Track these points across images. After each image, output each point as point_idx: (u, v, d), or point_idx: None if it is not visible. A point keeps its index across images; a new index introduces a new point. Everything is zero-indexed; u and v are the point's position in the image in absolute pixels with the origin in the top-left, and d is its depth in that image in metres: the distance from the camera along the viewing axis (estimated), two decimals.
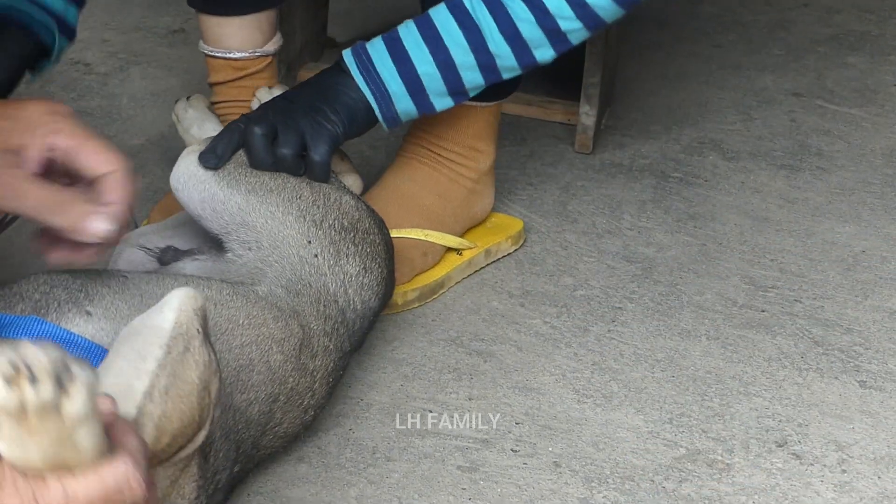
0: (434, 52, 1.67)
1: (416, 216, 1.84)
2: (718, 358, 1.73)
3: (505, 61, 1.68)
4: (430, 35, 1.67)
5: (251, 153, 1.59)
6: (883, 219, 2.06)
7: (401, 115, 1.69)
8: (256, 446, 1.37)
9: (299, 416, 1.43)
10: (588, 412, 1.63)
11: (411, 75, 1.67)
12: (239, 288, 1.41)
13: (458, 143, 1.87)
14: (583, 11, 1.64)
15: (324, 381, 1.45)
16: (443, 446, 1.55)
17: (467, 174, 1.88)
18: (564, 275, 1.89)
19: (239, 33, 1.93)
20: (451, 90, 1.69)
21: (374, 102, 1.67)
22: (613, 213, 2.04)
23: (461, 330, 1.76)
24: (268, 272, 1.47)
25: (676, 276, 1.90)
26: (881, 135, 2.32)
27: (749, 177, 2.16)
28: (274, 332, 1.38)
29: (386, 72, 1.67)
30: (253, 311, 1.38)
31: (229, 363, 1.32)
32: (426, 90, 1.68)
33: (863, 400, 1.67)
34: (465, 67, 1.67)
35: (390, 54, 1.67)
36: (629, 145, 2.24)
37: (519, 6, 1.64)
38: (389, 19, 2.69)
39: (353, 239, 1.55)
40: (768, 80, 2.51)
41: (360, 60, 1.68)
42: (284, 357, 1.39)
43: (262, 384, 1.35)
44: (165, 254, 1.54)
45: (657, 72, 2.51)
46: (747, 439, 1.59)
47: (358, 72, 1.67)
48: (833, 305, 1.84)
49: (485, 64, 1.67)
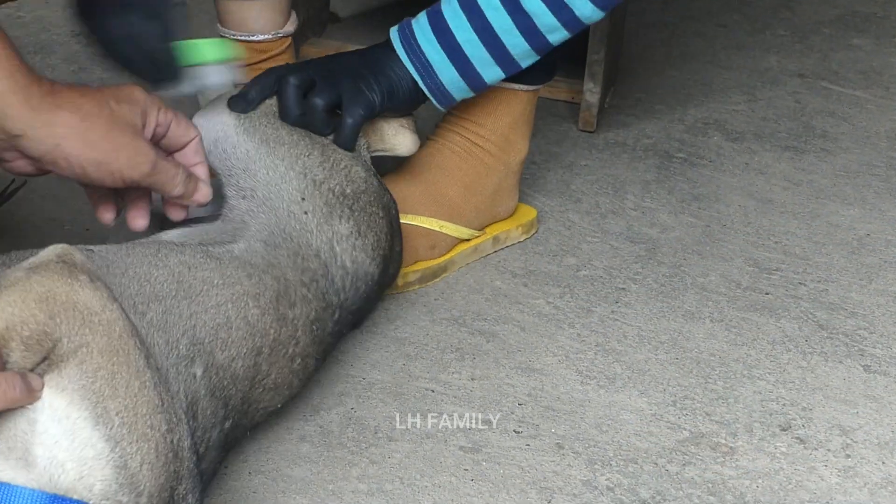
0: (471, 18, 1.65)
1: (435, 205, 1.82)
2: (722, 340, 1.72)
3: (543, 19, 1.64)
4: (466, 2, 1.66)
5: (282, 101, 1.60)
6: (888, 202, 2.05)
7: (448, 88, 1.68)
8: (247, 401, 1.38)
9: (286, 365, 1.42)
10: (591, 394, 1.62)
11: (452, 44, 1.66)
12: (213, 250, 1.43)
13: (494, 132, 1.84)
14: None
15: (306, 329, 1.45)
16: (445, 427, 1.55)
17: (497, 167, 1.85)
18: (568, 255, 1.88)
19: (261, 16, 1.92)
20: (497, 58, 1.67)
21: (417, 75, 1.66)
22: (617, 193, 2.03)
23: (464, 309, 1.75)
24: (251, 225, 1.49)
25: (680, 257, 1.89)
26: (886, 117, 2.31)
27: (753, 158, 2.15)
28: (248, 289, 1.39)
29: (427, 43, 1.66)
30: (227, 270, 1.40)
31: (206, 323, 1.34)
32: (469, 58, 1.67)
33: (867, 384, 1.66)
34: (503, 31, 1.65)
35: (431, 26, 1.67)
36: (633, 125, 2.22)
37: None
38: None
39: (350, 205, 1.55)
40: (773, 61, 2.49)
41: (404, 35, 1.68)
42: (261, 311, 1.40)
43: (242, 340, 1.36)
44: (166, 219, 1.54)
45: (661, 51, 2.50)
46: (751, 423, 1.59)
47: (401, 45, 1.67)
48: (837, 289, 1.84)
49: (524, 25, 1.65)
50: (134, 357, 1.17)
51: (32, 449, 1.12)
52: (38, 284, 1.15)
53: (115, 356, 1.16)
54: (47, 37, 2.38)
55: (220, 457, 1.36)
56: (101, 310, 1.17)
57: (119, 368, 1.16)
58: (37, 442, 1.12)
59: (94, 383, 1.14)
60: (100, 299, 1.17)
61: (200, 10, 2.47)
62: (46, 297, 1.15)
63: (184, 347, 1.30)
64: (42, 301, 1.14)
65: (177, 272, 1.36)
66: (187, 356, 1.30)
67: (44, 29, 2.41)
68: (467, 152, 1.84)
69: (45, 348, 1.14)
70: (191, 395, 1.28)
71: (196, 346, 1.31)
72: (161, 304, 1.32)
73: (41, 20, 2.43)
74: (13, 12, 2.48)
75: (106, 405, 1.14)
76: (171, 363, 1.28)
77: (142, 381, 1.16)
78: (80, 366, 1.14)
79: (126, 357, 1.16)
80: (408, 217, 1.79)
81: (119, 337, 1.17)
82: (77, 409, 1.13)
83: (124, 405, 1.15)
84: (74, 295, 1.16)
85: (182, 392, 1.27)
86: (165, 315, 1.31)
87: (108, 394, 1.14)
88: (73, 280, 1.17)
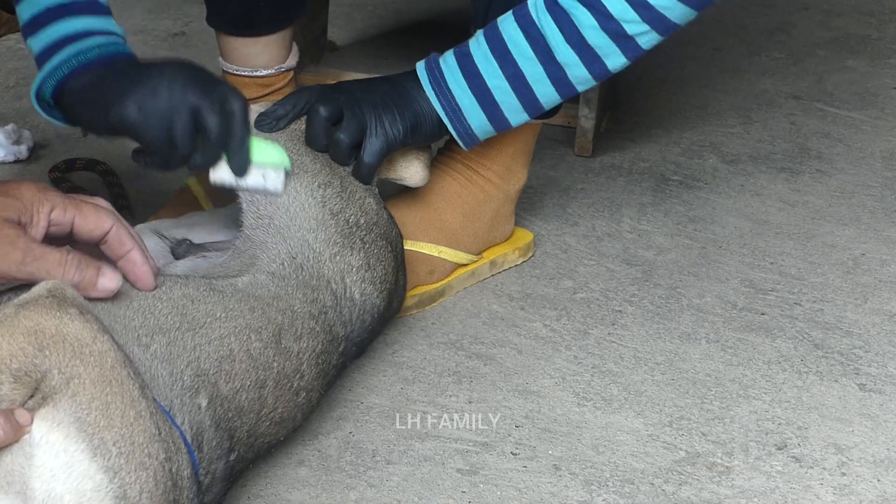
0: (503, 66, 1.65)
1: (435, 231, 1.84)
2: (718, 361, 1.73)
3: (575, 70, 1.65)
4: (498, 48, 1.65)
5: (309, 129, 1.61)
6: (883, 222, 2.06)
7: (476, 132, 1.68)
8: (253, 434, 1.38)
9: (292, 399, 1.43)
10: (588, 415, 1.63)
11: (482, 89, 1.65)
12: (217, 283, 1.44)
13: (495, 161, 1.86)
14: (648, 14, 1.61)
15: (312, 363, 1.46)
16: (443, 449, 1.56)
17: (497, 195, 1.87)
18: (564, 278, 1.89)
19: (265, 52, 1.94)
20: (526, 105, 1.67)
21: (447, 118, 1.66)
22: (613, 216, 2.04)
23: (461, 333, 1.76)
24: (261, 258, 1.49)
25: (676, 279, 1.90)
26: (881, 138, 2.33)
27: (749, 180, 2.17)
28: (250, 322, 1.41)
29: (457, 86, 1.65)
30: (230, 303, 1.41)
31: (210, 355, 1.35)
32: (499, 105, 1.66)
33: (862, 403, 1.67)
34: (535, 80, 1.65)
35: (461, 69, 1.66)
36: (629, 148, 2.24)
37: (582, 12, 1.62)
38: (390, 22, 2.70)
39: (362, 237, 1.56)
40: (768, 84, 2.51)
41: (433, 74, 1.66)
42: (264, 344, 1.41)
43: (245, 372, 1.38)
44: (180, 245, 1.56)
45: (658, 75, 2.52)
46: (747, 442, 1.59)
47: (430, 85, 1.66)
48: (833, 308, 1.85)
49: (555, 75, 1.65)
50: (128, 387, 1.18)
51: (30, 482, 1.13)
52: (27, 319, 1.17)
53: (108, 386, 1.17)
54: None
55: (225, 489, 1.36)
56: (91, 341, 1.18)
57: (113, 398, 1.16)
58: (34, 475, 1.13)
59: (88, 415, 1.15)
60: (90, 331, 1.18)
61: (199, 40, 2.50)
62: (35, 331, 1.16)
63: (188, 378, 1.31)
64: (30, 334, 1.16)
65: (180, 305, 1.37)
66: (192, 387, 1.31)
67: None
68: (468, 179, 1.85)
69: (35, 380, 1.15)
70: (196, 426, 1.29)
71: (200, 378, 1.32)
72: (165, 336, 1.33)
73: None
74: (14, 44, 2.51)
75: (102, 436, 1.15)
76: (175, 394, 1.29)
77: (137, 411, 1.17)
78: (73, 398, 1.15)
79: (120, 387, 1.17)
80: (407, 243, 1.81)
81: (111, 367, 1.18)
82: (73, 442, 1.14)
83: (121, 435, 1.16)
84: (64, 327, 1.17)
85: (187, 423, 1.28)
86: (169, 347, 1.32)
87: (103, 424, 1.15)
88: (62, 313, 1.18)
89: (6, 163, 2.09)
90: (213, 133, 1.48)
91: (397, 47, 2.57)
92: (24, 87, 2.34)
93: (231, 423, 1.35)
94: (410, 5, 2.77)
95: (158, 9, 2.68)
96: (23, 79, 2.37)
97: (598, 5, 1.61)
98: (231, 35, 1.92)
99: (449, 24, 2.61)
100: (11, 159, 2.10)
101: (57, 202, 1.33)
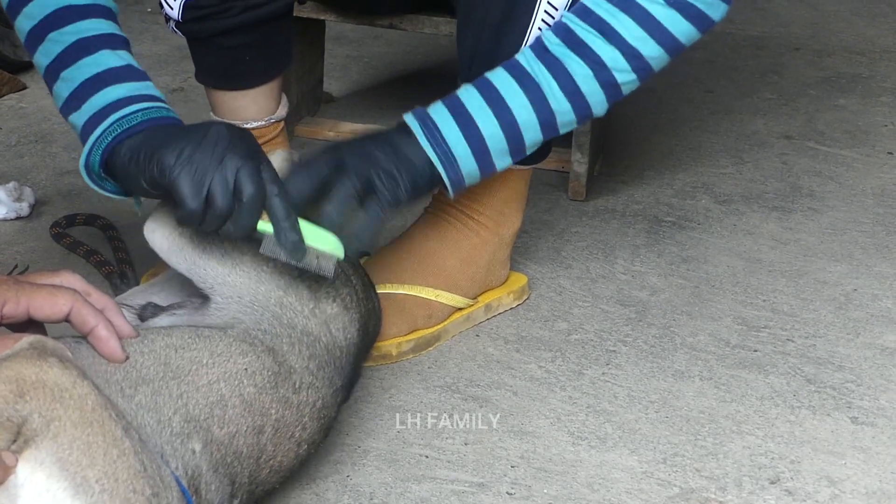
0: (498, 114, 1.66)
1: (432, 276, 1.86)
2: (711, 398, 1.75)
3: (564, 117, 1.68)
4: (493, 97, 1.67)
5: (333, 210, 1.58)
6: (874, 257, 2.09)
7: (465, 178, 1.69)
8: (254, 481, 1.40)
9: (293, 449, 1.45)
10: (583, 454, 1.65)
11: (477, 137, 1.66)
12: (203, 331, 1.46)
13: (489, 207, 1.88)
14: (638, 63, 1.66)
15: (314, 416, 1.48)
16: (439, 491, 1.58)
17: (492, 240, 1.89)
18: (559, 320, 1.91)
19: (254, 104, 1.97)
20: (512, 150, 1.69)
21: (441, 167, 1.65)
22: (607, 258, 2.07)
23: (457, 376, 1.78)
24: (246, 321, 1.50)
25: (670, 318, 1.92)
26: (872, 175, 2.35)
27: (741, 219, 2.19)
28: (241, 366, 1.42)
29: (452, 136, 1.65)
30: (217, 348, 1.43)
31: (199, 401, 1.37)
32: (489, 151, 1.68)
33: (854, 436, 1.68)
34: (527, 127, 1.68)
35: (455, 118, 1.66)
36: (622, 191, 2.27)
37: (576, 62, 1.65)
38: (385, 74, 2.74)
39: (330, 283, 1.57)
40: (760, 124, 2.54)
41: (426, 125, 1.66)
42: (258, 389, 1.42)
43: (240, 417, 1.39)
44: (145, 310, 1.56)
45: (650, 118, 2.55)
46: (740, 477, 1.61)
47: (424, 136, 1.65)
48: (825, 343, 1.87)
49: (545, 121, 1.68)
50: (109, 427, 1.20)
51: None
52: (7, 369, 1.20)
53: (89, 427, 1.19)
54: (48, 126, 2.44)
55: None
56: (71, 386, 1.20)
57: (95, 438, 1.19)
58: None
59: (70, 454, 1.17)
60: (70, 377, 1.21)
61: (198, 95, 2.53)
62: (16, 379, 1.19)
63: (177, 425, 1.33)
64: (11, 382, 1.18)
65: (163, 355, 1.39)
66: (182, 433, 1.33)
67: (45, 119, 2.47)
68: (463, 224, 1.88)
69: (17, 424, 1.17)
70: (191, 470, 1.31)
71: (190, 423, 1.34)
72: (149, 387, 1.35)
73: (43, 110, 2.49)
74: (15, 104, 2.54)
75: (85, 474, 1.17)
76: (164, 440, 1.31)
77: (120, 449, 1.20)
78: (54, 439, 1.17)
79: (101, 427, 1.20)
80: (404, 287, 1.84)
81: (92, 410, 1.20)
82: (56, 481, 1.16)
83: (104, 472, 1.18)
84: (43, 375, 1.20)
85: (181, 468, 1.30)
86: (154, 396, 1.35)
87: (85, 463, 1.17)
88: (41, 362, 1.21)
89: (8, 219, 2.12)
90: (247, 197, 1.45)
91: (392, 98, 2.61)
92: (24, 145, 2.37)
93: (231, 469, 1.36)
94: (405, 57, 2.81)
95: (157, 65, 2.72)
96: (24, 137, 2.41)
97: (591, 55, 1.65)
98: (219, 89, 1.95)
99: (442, 76, 2.64)
100: (13, 216, 2.13)
101: (9, 296, 1.34)
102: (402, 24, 2.18)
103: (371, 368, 1.78)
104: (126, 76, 1.57)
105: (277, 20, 1.93)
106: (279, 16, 1.92)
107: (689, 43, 1.68)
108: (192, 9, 1.86)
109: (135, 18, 2.96)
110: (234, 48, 1.91)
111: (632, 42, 1.65)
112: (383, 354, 1.80)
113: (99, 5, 1.61)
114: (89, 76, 1.56)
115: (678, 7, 1.65)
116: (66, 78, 1.57)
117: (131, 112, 1.53)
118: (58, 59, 1.58)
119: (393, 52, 2.83)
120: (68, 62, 1.57)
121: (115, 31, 1.60)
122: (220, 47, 1.90)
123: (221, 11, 1.87)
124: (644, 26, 1.65)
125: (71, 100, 1.56)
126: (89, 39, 1.58)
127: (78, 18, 1.59)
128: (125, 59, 1.59)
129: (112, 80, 1.56)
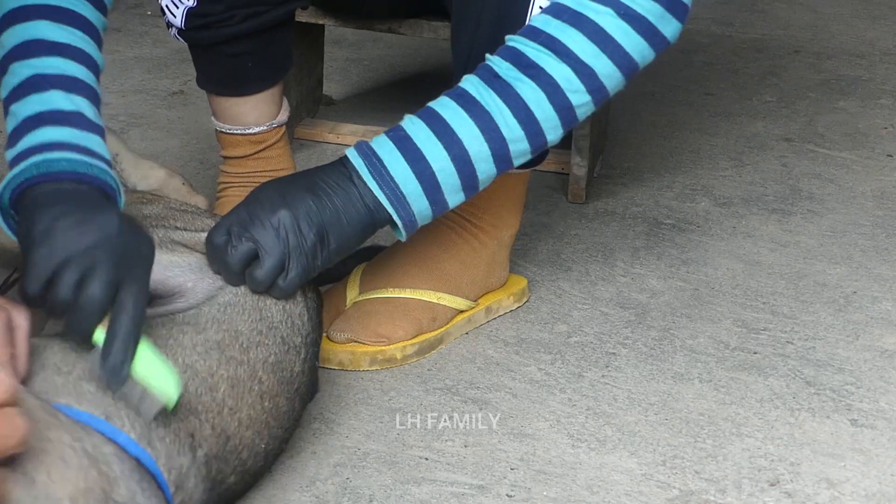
0: (448, 146, 1.59)
1: (434, 279, 1.86)
2: (711, 400, 1.75)
3: (518, 146, 1.62)
4: (440, 129, 1.59)
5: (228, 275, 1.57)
6: (874, 260, 2.09)
7: (417, 217, 1.62)
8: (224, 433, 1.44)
9: (257, 402, 1.49)
10: (582, 456, 1.65)
11: (427, 173, 1.59)
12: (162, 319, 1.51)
13: (486, 211, 1.87)
14: (591, 83, 1.60)
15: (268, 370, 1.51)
16: (439, 493, 1.58)
17: (490, 243, 1.89)
18: (559, 322, 1.92)
19: (255, 110, 1.97)
20: (465, 185, 1.63)
21: (391, 207, 1.59)
22: (607, 260, 2.07)
23: (457, 378, 1.79)
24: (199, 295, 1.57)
25: (669, 320, 1.92)
26: (871, 177, 2.35)
27: (741, 222, 2.19)
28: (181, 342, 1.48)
29: (400, 173, 1.59)
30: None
31: None
32: (441, 188, 1.61)
33: (854, 438, 1.69)
34: (479, 159, 1.61)
35: (402, 153, 1.59)
36: (622, 193, 2.27)
37: (528, 86, 1.59)
38: (385, 76, 2.74)
39: None
40: (760, 127, 2.54)
41: (371, 163, 1.59)
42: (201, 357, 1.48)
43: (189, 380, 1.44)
44: None
45: (650, 120, 2.55)
46: (740, 479, 1.61)
47: (370, 175, 1.59)
48: (824, 346, 1.87)
49: (498, 152, 1.61)
50: None
51: None
52: None
53: None
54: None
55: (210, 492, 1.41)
56: None
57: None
58: None
59: None
60: None
61: (198, 98, 2.53)
62: None
63: None
64: None
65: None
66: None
67: None
68: (462, 228, 1.88)
69: None
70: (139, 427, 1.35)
71: None
72: None
73: None
74: None
75: None
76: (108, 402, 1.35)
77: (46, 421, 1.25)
78: None
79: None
80: (406, 291, 1.84)
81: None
82: None
83: None
84: None
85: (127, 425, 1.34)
86: None
87: None
88: None
89: None
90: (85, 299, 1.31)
91: (392, 101, 2.61)
92: None
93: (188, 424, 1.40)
94: (404, 60, 2.81)
95: (157, 69, 2.72)
96: None
97: (544, 76, 1.59)
98: (221, 95, 1.96)
99: (442, 78, 2.64)
100: None
101: None
102: (402, 28, 2.18)
103: (371, 371, 1.78)
104: (68, 121, 1.46)
105: (279, 27, 1.93)
106: (281, 22, 1.93)
107: (643, 61, 1.62)
108: (195, 17, 1.86)
109: (135, 21, 2.96)
110: (236, 55, 1.91)
111: (584, 58, 1.59)
112: (388, 358, 1.80)
113: (79, 49, 1.51)
114: (32, 114, 1.46)
115: (629, 19, 1.59)
116: (12, 112, 1.48)
117: (56, 158, 1.41)
118: (12, 92, 1.48)
119: (392, 55, 2.83)
120: (19, 96, 1.47)
121: (81, 77, 1.50)
122: (223, 54, 1.91)
123: (225, 19, 1.87)
124: (595, 40, 1.59)
125: (11, 135, 1.47)
126: (46, 77, 1.47)
127: (46, 54, 1.49)
128: (77, 105, 1.47)
129: (51, 121, 1.45)
